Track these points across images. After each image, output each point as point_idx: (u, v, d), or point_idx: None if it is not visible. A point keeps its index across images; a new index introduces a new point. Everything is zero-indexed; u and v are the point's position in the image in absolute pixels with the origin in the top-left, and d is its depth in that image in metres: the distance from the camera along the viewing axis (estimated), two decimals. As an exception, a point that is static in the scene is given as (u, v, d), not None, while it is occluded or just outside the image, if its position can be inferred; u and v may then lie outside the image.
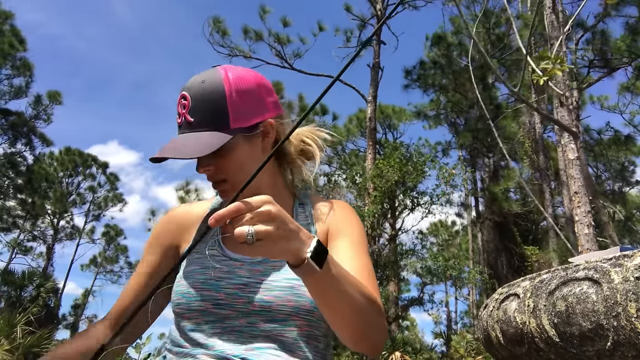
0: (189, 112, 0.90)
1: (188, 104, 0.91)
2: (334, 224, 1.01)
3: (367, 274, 0.92)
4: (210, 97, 0.91)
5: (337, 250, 0.95)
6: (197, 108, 0.90)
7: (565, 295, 0.89)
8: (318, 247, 0.69)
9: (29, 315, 10.18)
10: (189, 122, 0.91)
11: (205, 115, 0.90)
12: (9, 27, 18.52)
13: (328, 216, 1.03)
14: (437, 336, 15.92)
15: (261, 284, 0.89)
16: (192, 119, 0.90)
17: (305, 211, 1.05)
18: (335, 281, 0.73)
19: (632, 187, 15.87)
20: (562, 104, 3.85)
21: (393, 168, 10.72)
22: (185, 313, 0.90)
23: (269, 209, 0.64)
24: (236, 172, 0.94)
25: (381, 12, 14.26)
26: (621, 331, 0.78)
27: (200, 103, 0.90)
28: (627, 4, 12.17)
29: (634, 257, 0.84)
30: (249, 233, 0.62)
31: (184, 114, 0.91)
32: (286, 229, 0.65)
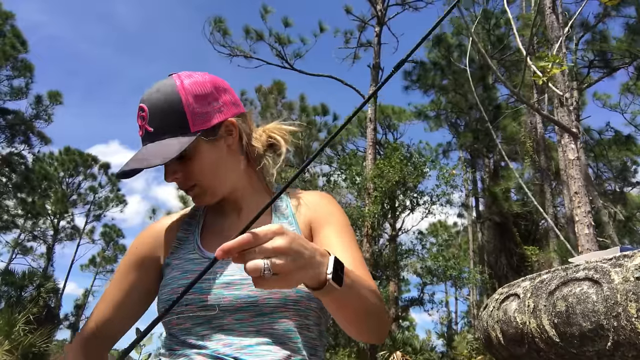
0: (148, 123, 0.91)
1: (146, 114, 0.91)
2: (316, 215, 1.01)
3: (361, 265, 0.92)
4: (167, 104, 0.91)
5: (326, 243, 0.95)
6: (155, 117, 0.91)
7: (565, 295, 0.89)
8: (336, 264, 0.68)
9: (29, 315, 10.18)
10: (149, 132, 0.91)
11: (163, 122, 0.90)
12: (10, 28, 18.53)
13: (309, 207, 1.03)
14: (439, 336, 15.93)
15: (245, 279, 0.89)
16: (151, 129, 0.90)
17: (283, 202, 1.05)
18: (354, 292, 0.73)
19: (633, 187, 15.86)
20: (562, 104, 3.85)
21: (394, 168, 10.72)
22: (173, 320, 0.91)
23: (282, 243, 0.62)
24: (204, 176, 0.94)
25: (381, 13, 14.27)
26: (621, 331, 0.78)
27: (158, 111, 0.91)
28: (627, 4, 12.17)
29: (634, 257, 0.84)
30: (266, 268, 0.59)
31: (144, 125, 0.92)
32: (303, 259, 0.63)
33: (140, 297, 1.01)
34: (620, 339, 0.79)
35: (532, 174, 14.92)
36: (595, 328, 0.82)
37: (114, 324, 1.00)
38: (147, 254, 1.02)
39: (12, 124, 19.87)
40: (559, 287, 0.92)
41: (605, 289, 0.83)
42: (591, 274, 0.87)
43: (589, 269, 0.89)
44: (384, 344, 12.29)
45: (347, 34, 15.89)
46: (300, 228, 0.99)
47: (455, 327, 23.65)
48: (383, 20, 14.36)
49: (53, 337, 12.19)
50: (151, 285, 1.01)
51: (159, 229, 1.06)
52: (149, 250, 1.03)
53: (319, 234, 0.98)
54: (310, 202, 1.04)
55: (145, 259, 1.02)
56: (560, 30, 4.20)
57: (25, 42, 19.06)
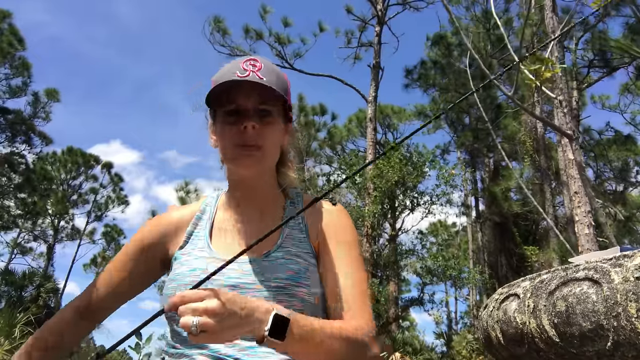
0: (260, 72, 0.92)
1: (260, 66, 0.93)
2: (327, 229, 1.01)
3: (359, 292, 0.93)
4: (279, 74, 0.96)
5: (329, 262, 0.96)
6: (268, 73, 0.92)
7: (565, 295, 0.89)
8: (276, 320, 0.71)
9: (29, 316, 10.17)
10: (260, 79, 0.91)
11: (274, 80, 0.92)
12: (8, 27, 18.52)
13: (322, 219, 1.03)
14: (438, 336, 15.91)
15: (251, 284, 0.90)
16: (263, 78, 0.91)
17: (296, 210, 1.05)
18: (309, 343, 0.76)
19: (634, 187, 15.86)
20: (559, 107, 3.85)
21: (393, 168, 10.71)
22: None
23: (213, 305, 0.68)
24: (272, 144, 0.96)
25: (382, 13, 14.27)
26: (621, 331, 0.78)
27: (270, 71, 0.93)
28: (627, 4, 12.16)
29: (634, 257, 0.84)
30: (193, 324, 0.66)
31: (254, 71, 0.91)
32: (234, 319, 0.69)
33: (136, 283, 1.05)
34: (620, 339, 0.79)
35: (532, 173, 14.91)
36: (595, 328, 0.82)
37: (106, 302, 1.04)
38: (153, 244, 1.04)
39: (12, 123, 19.87)
40: (559, 287, 0.92)
41: (605, 289, 0.83)
42: (591, 274, 0.87)
43: (589, 269, 0.88)
44: (383, 344, 12.29)
45: (348, 33, 15.90)
46: (310, 237, 1.00)
47: (455, 327, 23.64)
48: (383, 20, 14.35)
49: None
50: (150, 274, 1.04)
51: (168, 221, 1.06)
52: (155, 241, 1.04)
53: (325, 249, 0.99)
54: (325, 214, 1.04)
55: (150, 249, 1.03)
56: (558, 31, 4.20)
57: (22, 40, 19.03)
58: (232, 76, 0.90)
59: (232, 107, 0.93)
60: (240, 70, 0.91)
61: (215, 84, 0.92)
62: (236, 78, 0.89)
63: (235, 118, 0.93)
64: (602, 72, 13.66)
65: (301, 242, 0.99)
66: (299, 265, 0.94)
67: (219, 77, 0.94)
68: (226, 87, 0.91)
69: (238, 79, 0.89)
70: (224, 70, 0.94)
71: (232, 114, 0.93)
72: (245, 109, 0.92)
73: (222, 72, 0.95)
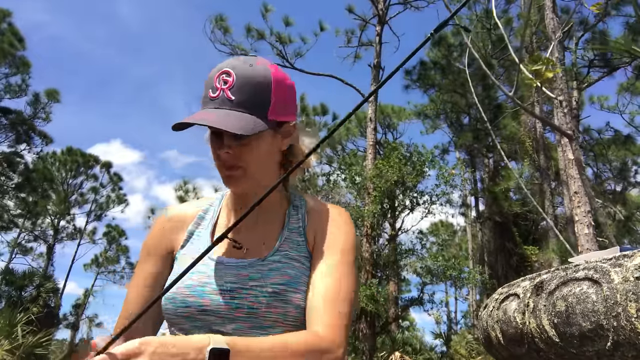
0: (230, 89, 0.88)
1: (232, 81, 0.89)
2: (323, 232, 1.00)
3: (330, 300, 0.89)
4: (257, 82, 0.90)
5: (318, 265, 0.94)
6: (241, 88, 0.88)
7: (565, 295, 0.89)
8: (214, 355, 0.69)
9: (29, 315, 10.18)
10: (228, 99, 0.88)
11: (247, 97, 0.89)
12: (7, 26, 18.52)
13: (321, 221, 1.02)
14: (437, 336, 15.91)
15: (247, 289, 0.89)
16: (232, 97, 0.88)
17: (298, 213, 1.04)
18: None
19: (633, 187, 15.86)
20: (559, 107, 3.86)
21: (392, 168, 10.71)
22: (173, 318, 0.91)
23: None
24: (254, 163, 0.93)
25: (382, 12, 14.26)
26: (621, 331, 0.78)
27: (246, 84, 0.89)
28: (626, 3, 12.17)
29: (634, 257, 0.84)
30: None
31: (224, 89, 0.88)
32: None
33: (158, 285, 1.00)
34: (620, 338, 0.79)
35: (532, 173, 14.91)
36: (595, 328, 0.82)
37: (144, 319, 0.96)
38: (160, 243, 1.03)
39: (13, 123, 19.87)
40: (559, 287, 0.92)
41: (605, 289, 0.83)
42: (591, 274, 0.87)
43: (589, 269, 0.89)
44: (383, 344, 12.30)
45: (349, 32, 15.90)
46: (307, 240, 0.99)
47: (455, 327, 23.64)
48: (384, 20, 14.35)
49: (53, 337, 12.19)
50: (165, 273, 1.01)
51: (171, 218, 1.05)
52: (161, 240, 1.03)
53: (316, 253, 0.97)
54: (324, 217, 1.03)
55: (158, 248, 1.02)
56: (558, 31, 4.20)
57: (22, 39, 19.05)
58: (206, 97, 0.90)
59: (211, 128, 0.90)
60: (213, 89, 0.89)
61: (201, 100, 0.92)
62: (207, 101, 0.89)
63: (216, 138, 0.92)
64: (602, 72, 13.65)
65: (299, 245, 0.98)
66: (295, 269, 0.93)
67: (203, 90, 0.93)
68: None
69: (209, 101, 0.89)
70: (206, 82, 0.92)
71: (213, 134, 0.93)
72: (219, 132, 0.90)
73: (205, 82, 0.93)
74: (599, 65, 13.53)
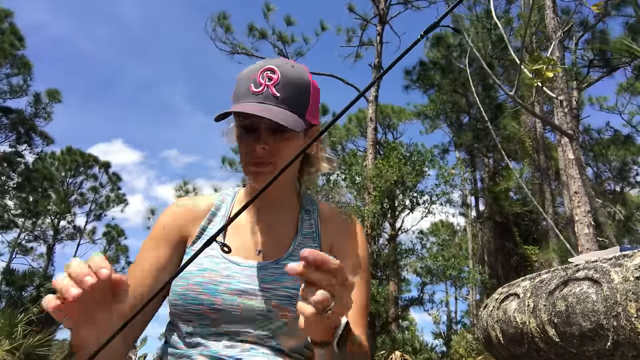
0: (275, 86, 0.89)
1: (276, 78, 0.90)
2: (340, 243, 1.01)
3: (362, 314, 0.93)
4: (298, 82, 0.92)
5: None
6: (285, 86, 0.90)
7: (565, 295, 0.89)
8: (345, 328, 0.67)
9: (30, 315, 10.18)
10: (273, 95, 0.89)
11: (291, 95, 0.90)
12: (8, 26, 18.52)
13: (336, 230, 1.03)
14: (437, 336, 15.92)
15: (259, 291, 0.89)
16: (277, 94, 0.89)
17: (310, 219, 1.04)
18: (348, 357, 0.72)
19: (633, 187, 15.86)
20: (559, 106, 3.86)
21: (392, 168, 10.72)
22: (182, 314, 0.90)
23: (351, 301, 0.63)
24: (284, 160, 0.92)
25: (383, 12, 14.26)
26: (621, 331, 0.78)
27: (289, 84, 0.90)
28: (626, 3, 12.17)
29: (634, 257, 0.84)
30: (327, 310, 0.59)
31: (269, 85, 0.89)
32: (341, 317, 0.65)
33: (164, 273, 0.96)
34: (620, 338, 0.79)
35: (532, 173, 14.92)
36: (595, 328, 0.82)
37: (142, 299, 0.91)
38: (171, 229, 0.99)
39: (14, 123, 19.89)
40: (559, 287, 0.92)
41: (605, 289, 0.83)
42: (591, 274, 0.87)
43: (589, 268, 0.89)
44: (383, 344, 12.30)
45: (350, 31, 15.92)
46: (322, 247, 1.00)
47: (455, 327, 23.65)
48: (385, 19, 14.35)
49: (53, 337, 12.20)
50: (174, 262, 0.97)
51: (186, 211, 1.03)
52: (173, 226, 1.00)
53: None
54: (339, 225, 1.04)
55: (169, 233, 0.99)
56: (559, 31, 4.21)
57: (23, 39, 19.05)
58: (247, 92, 0.89)
59: (246, 122, 0.91)
60: (256, 84, 0.89)
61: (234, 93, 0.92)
62: (249, 95, 0.89)
63: (248, 133, 0.92)
64: (601, 72, 13.66)
65: None
66: None
67: (237, 85, 0.93)
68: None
69: (251, 95, 0.89)
70: (243, 78, 0.93)
71: (246, 129, 0.92)
72: (258, 128, 0.91)
73: (241, 79, 0.93)
74: (598, 65, 13.53)
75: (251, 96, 0.89)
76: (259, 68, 0.91)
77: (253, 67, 0.93)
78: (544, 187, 13.68)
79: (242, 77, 0.93)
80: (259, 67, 0.91)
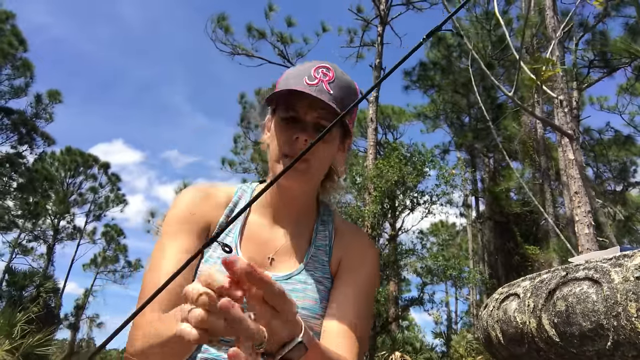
0: (330, 83, 0.89)
1: (331, 76, 0.89)
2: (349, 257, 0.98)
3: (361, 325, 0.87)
4: (349, 86, 0.92)
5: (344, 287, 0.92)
6: (339, 86, 0.90)
7: (565, 295, 0.89)
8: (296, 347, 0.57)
9: (29, 315, 10.18)
10: (327, 91, 0.87)
11: (343, 96, 0.89)
12: (10, 27, 18.54)
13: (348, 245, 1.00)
14: (437, 336, 15.92)
15: None
16: (331, 91, 0.88)
17: (325, 230, 1.01)
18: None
19: (633, 187, 15.86)
20: (559, 107, 3.86)
21: (393, 168, 10.71)
22: None
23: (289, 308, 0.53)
24: (320, 160, 0.92)
25: (384, 13, 14.26)
26: (621, 331, 0.78)
27: (342, 85, 0.90)
28: (626, 4, 12.16)
29: (634, 257, 0.84)
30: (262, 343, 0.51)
31: (324, 81, 0.88)
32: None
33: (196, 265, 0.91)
34: (620, 338, 0.79)
35: (532, 173, 14.92)
36: (595, 328, 0.82)
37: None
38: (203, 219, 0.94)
39: (15, 124, 19.90)
40: (559, 287, 0.92)
41: (605, 289, 0.83)
42: (591, 274, 0.87)
43: (589, 268, 0.89)
44: (383, 344, 12.30)
45: (351, 32, 15.93)
46: (332, 261, 0.97)
47: (455, 327, 23.64)
48: (386, 20, 14.35)
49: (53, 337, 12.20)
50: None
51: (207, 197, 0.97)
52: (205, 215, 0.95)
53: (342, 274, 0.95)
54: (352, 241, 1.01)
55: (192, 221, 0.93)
56: (559, 31, 4.21)
57: (24, 41, 19.07)
58: (300, 83, 0.87)
59: (291, 114, 0.89)
60: (310, 77, 0.88)
61: (281, 86, 0.90)
62: (303, 86, 0.87)
63: (291, 126, 0.89)
64: (602, 73, 13.65)
65: (324, 265, 0.96)
66: (319, 293, 0.91)
67: (285, 79, 0.91)
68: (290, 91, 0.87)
69: (305, 86, 0.86)
70: (293, 73, 0.91)
71: (289, 120, 0.90)
72: (302, 119, 0.89)
73: (290, 73, 0.92)
74: (598, 65, 13.52)
75: (305, 87, 0.86)
76: (313, 65, 0.90)
77: (306, 63, 0.92)
78: (545, 188, 13.68)
79: (294, 71, 0.92)
80: (312, 64, 0.91)
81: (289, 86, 0.87)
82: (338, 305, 0.89)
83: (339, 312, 0.88)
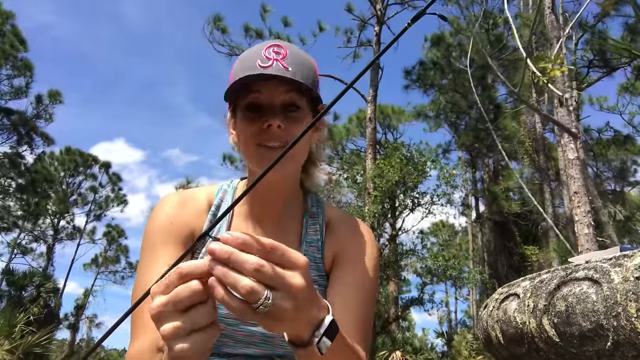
0: (285, 60, 0.81)
1: (285, 53, 0.81)
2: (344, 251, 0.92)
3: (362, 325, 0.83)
4: (305, 58, 0.85)
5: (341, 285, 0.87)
6: (295, 61, 0.82)
7: (565, 295, 0.89)
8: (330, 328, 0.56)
9: (29, 315, 10.17)
10: (284, 69, 0.79)
11: (302, 70, 0.82)
12: (10, 28, 18.54)
13: (341, 238, 0.94)
14: (439, 335, 15.92)
15: None
16: (289, 68, 0.80)
17: (316, 223, 0.95)
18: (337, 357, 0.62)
19: (633, 187, 15.87)
20: (562, 105, 3.85)
21: (394, 168, 10.71)
22: None
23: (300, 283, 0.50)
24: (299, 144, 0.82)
25: (381, 12, 14.27)
26: (621, 331, 0.78)
27: (298, 59, 0.83)
28: (626, 4, 12.16)
29: (634, 257, 0.84)
30: (264, 303, 0.48)
31: (278, 60, 0.80)
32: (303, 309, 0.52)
33: None
34: (620, 338, 0.79)
35: (532, 173, 14.92)
36: (595, 328, 0.82)
37: None
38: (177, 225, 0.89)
39: (15, 124, 19.90)
40: (559, 287, 0.92)
41: (605, 289, 0.83)
42: (591, 274, 0.87)
43: (589, 268, 0.89)
44: (383, 344, 12.29)
45: (348, 32, 15.94)
46: (325, 257, 0.92)
47: (455, 327, 23.64)
48: (382, 20, 14.36)
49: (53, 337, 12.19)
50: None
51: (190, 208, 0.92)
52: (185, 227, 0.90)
53: (338, 271, 0.90)
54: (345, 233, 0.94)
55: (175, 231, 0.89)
56: (561, 31, 4.20)
57: (24, 41, 19.08)
58: (254, 67, 0.79)
59: (255, 101, 0.82)
60: (263, 59, 0.80)
61: (235, 76, 0.81)
62: (258, 69, 0.79)
63: (258, 114, 0.82)
64: (601, 73, 13.65)
65: (317, 263, 0.91)
66: None
67: (238, 68, 0.83)
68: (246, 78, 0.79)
69: (260, 70, 0.78)
70: (244, 59, 0.83)
71: (253, 108, 0.83)
72: (269, 104, 0.82)
73: (241, 60, 0.84)
74: (598, 65, 13.52)
75: (261, 71, 0.79)
76: (263, 46, 0.83)
77: (254, 47, 0.85)
78: (544, 187, 13.68)
79: (244, 57, 0.85)
80: (262, 46, 0.83)
81: (245, 73, 0.80)
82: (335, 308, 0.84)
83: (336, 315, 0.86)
